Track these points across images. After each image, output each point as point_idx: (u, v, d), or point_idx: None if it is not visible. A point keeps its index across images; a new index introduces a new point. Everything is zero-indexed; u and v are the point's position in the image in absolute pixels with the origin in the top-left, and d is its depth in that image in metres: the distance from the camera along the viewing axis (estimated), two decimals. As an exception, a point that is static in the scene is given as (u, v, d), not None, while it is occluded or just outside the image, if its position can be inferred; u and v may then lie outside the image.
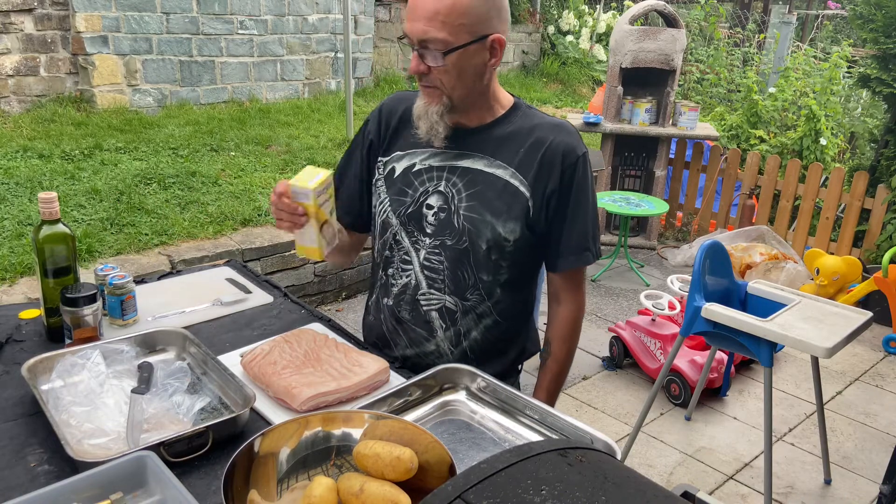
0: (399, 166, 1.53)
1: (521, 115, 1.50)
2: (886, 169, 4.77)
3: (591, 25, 9.41)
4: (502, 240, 1.45)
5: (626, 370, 3.62)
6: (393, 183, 1.54)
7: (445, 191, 1.48)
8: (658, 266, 5.06)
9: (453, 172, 1.48)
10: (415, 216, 1.51)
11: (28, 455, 1.18)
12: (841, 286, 4.26)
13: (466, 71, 1.37)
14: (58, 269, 1.51)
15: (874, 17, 4.66)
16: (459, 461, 1.18)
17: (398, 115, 1.56)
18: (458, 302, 1.51)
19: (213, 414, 1.30)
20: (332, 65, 6.87)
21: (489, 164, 1.46)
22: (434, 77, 1.38)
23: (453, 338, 1.54)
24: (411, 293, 1.55)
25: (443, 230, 1.48)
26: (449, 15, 1.30)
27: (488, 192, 1.45)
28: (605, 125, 5.13)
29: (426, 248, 1.50)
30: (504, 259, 1.48)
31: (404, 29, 1.36)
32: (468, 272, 1.49)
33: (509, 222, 1.45)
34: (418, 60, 1.36)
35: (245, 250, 3.70)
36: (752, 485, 2.81)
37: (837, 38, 10.08)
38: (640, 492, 0.79)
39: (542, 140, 1.45)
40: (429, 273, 1.51)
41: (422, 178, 1.50)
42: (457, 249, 1.48)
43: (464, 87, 1.39)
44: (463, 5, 1.30)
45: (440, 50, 1.33)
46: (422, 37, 1.32)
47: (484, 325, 1.54)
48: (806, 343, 2.37)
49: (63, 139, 4.77)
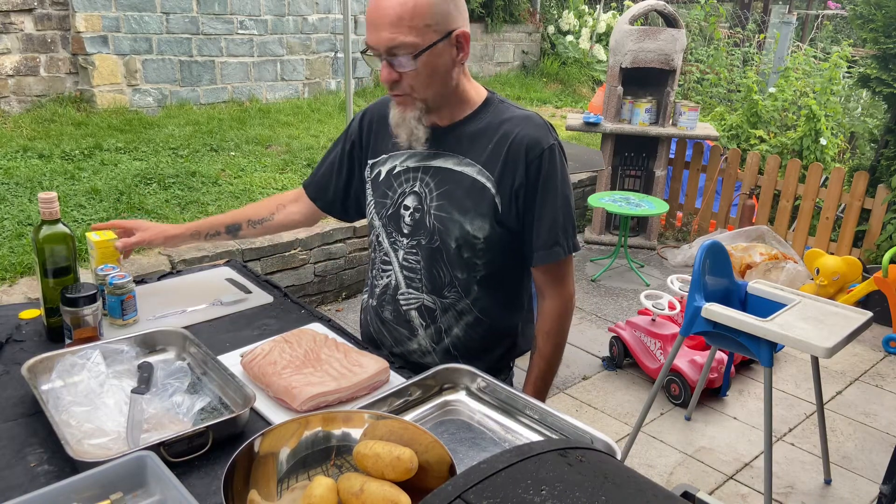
0: (384, 169, 1.56)
1: (492, 109, 1.49)
2: (886, 169, 4.77)
3: (591, 25, 9.41)
4: (471, 237, 1.46)
5: (626, 370, 3.62)
6: (378, 186, 1.57)
7: (420, 191, 1.50)
8: (658, 266, 5.06)
9: (427, 172, 1.50)
10: (394, 217, 1.53)
11: (28, 455, 1.17)
12: (841, 286, 4.26)
13: (437, 70, 1.37)
14: (58, 269, 1.51)
15: (874, 16, 4.66)
16: (459, 461, 1.18)
17: (383, 120, 1.57)
18: (436, 300, 1.53)
19: (213, 414, 1.30)
20: (332, 65, 6.87)
21: (458, 163, 1.47)
22: (405, 84, 1.38)
23: (434, 335, 1.56)
24: (391, 293, 1.57)
25: (417, 230, 1.50)
26: (413, 18, 1.30)
27: (457, 191, 1.46)
28: (605, 125, 5.13)
29: (404, 248, 1.53)
30: (477, 257, 1.49)
31: (367, 41, 1.35)
32: (443, 270, 1.51)
33: (477, 220, 1.45)
34: (389, 69, 1.36)
35: (245, 250, 3.70)
36: (752, 485, 2.81)
37: (837, 38, 10.08)
38: (640, 492, 0.79)
39: (508, 134, 1.44)
40: (407, 273, 1.54)
41: (400, 180, 1.52)
42: (430, 248, 1.50)
43: (436, 87, 1.39)
44: (424, 6, 1.30)
45: (410, 54, 1.32)
46: (389, 45, 1.32)
47: (465, 322, 1.55)
48: (806, 343, 2.37)
49: (63, 139, 4.77)
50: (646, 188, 5.37)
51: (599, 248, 5.29)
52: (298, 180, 4.65)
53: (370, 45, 1.35)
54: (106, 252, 1.65)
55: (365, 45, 1.36)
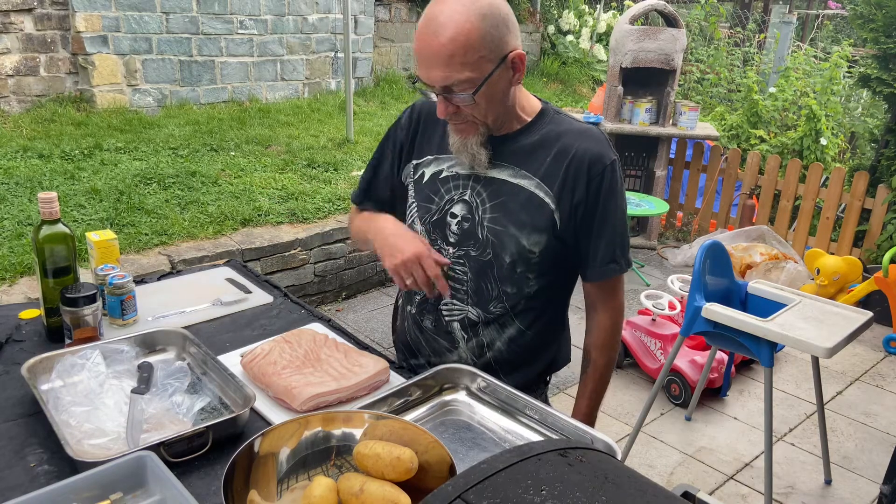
0: (428, 171, 1.51)
1: (548, 121, 1.44)
2: (887, 169, 4.77)
3: (591, 25, 9.41)
4: (527, 252, 1.42)
5: (626, 370, 3.62)
6: (421, 189, 1.51)
7: (470, 200, 1.44)
8: (658, 266, 5.06)
9: (478, 181, 1.44)
10: (439, 224, 1.47)
11: (28, 455, 1.17)
12: (841, 286, 4.26)
13: (495, 97, 1.33)
14: (58, 269, 1.51)
15: (874, 16, 4.65)
16: (459, 461, 1.18)
17: (431, 118, 1.52)
18: (480, 313, 1.48)
19: (213, 414, 1.30)
20: (332, 65, 6.87)
21: (514, 175, 1.42)
22: (466, 113, 1.34)
23: (476, 349, 1.51)
24: (434, 302, 1.52)
25: (466, 240, 1.45)
26: (466, 53, 1.24)
27: (512, 204, 1.41)
28: (606, 125, 5.13)
29: (450, 257, 1.47)
30: (531, 271, 1.44)
31: (419, 75, 1.29)
32: (492, 284, 1.46)
33: (534, 234, 1.41)
34: (445, 103, 1.32)
35: (245, 250, 3.70)
36: (753, 485, 2.81)
37: (838, 38, 10.08)
38: (640, 492, 0.79)
39: (568, 148, 1.40)
40: (452, 283, 1.48)
41: (448, 186, 1.47)
42: (480, 261, 1.45)
43: (495, 111, 1.36)
44: (475, 39, 1.24)
45: (468, 90, 1.28)
46: (445, 83, 1.27)
47: (508, 336, 1.50)
48: (806, 343, 2.37)
49: (63, 139, 4.77)
50: (646, 188, 5.36)
51: (599, 248, 5.28)
52: (298, 180, 4.65)
53: (423, 80, 1.30)
54: (106, 252, 1.65)
55: (415, 77, 1.31)
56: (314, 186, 4.55)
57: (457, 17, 1.23)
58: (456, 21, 1.23)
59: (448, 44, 1.24)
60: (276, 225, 4.02)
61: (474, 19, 1.23)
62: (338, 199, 4.38)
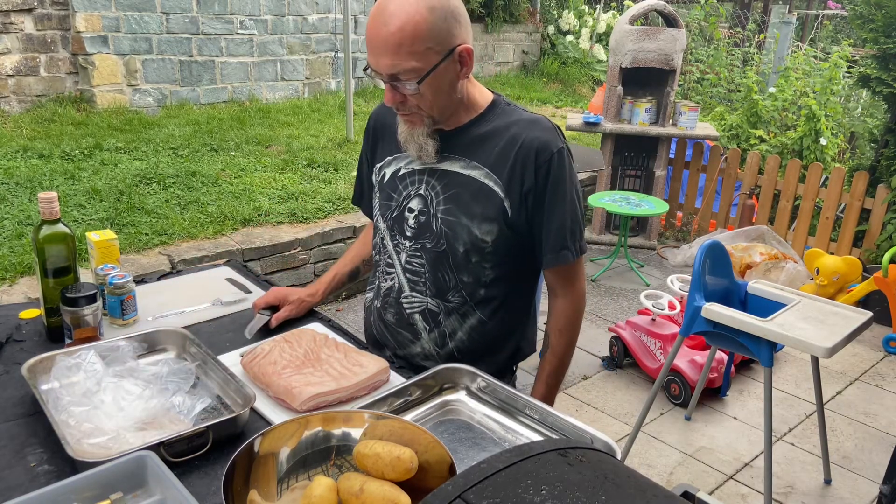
0: (388, 171, 1.56)
1: (498, 112, 1.48)
2: (886, 169, 4.77)
3: (591, 25, 9.41)
4: (479, 241, 1.45)
5: (626, 370, 3.62)
6: (383, 188, 1.56)
7: (425, 194, 1.48)
8: (658, 266, 5.06)
9: (433, 175, 1.48)
10: (398, 220, 1.52)
11: (28, 455, 1.17)
12: (841, 286, 4.26)
13: (441, 89, 1.36)
14: (58, 269, 1.51)
15: (874, 16, 4.66)
16: (459, 461, 1.18)
17: (385, 122, 1.58)
18: (440, 304, 1.52)
19: (213, 414, 1.30)
20: (332, 65, 6.87)
21: (465, 166, 1.46)
22: (411, 103, 1.37)
23: (438, 339, 1.55)
24: (395, 296, 1.56)
25: (422, 233, 1.49)
26: (413, 43, 1.27)
27: (464, 195, 1.45)
28: (605, 125, 5.13)
29: (407, 251, 1.52)
30: (486, 261, 1.48)
31: (368, 62, 1.34)
32: (448, 274, 1.49)
33: (485, 224, 1.44)
34: (393, 91, 1.35)
35: (245, 250, 3.70)
36: (752, 485, 2.81)
37: (837, 38, 10.08)
38: (640, 492, 0.79)
39: (517, 137, 1.43)
40: (410, 276, 1.52)
41: (405, 182, 1.52)
42: (435, 252, 1.49)
43: (441, 103, 1.39)
44: (423, 30, 1.27)
45: (413, 79, 1.31)
46: (391, 71, 1.31)
47: (469, 326, 1.53)
48: (806, 343, 2.37)
49: (63, 139, 4.77)
50: (646, 188, 5.36)
51: (599, 248, 5.29)
52: (298, 180, 4.65)
53: (371, 66, 1.34)
54: (106, 252, 1.65)
55: (366, 64, 1.35)
56: (314, 186, 4.55)
57: (407, 8, 1.27)
58: (406, 11, 1.26)
59: (396, 33, 1.27)
60: (276, 225, 4.02)
61: (423, 11, 1.27)
62: (338, 199, 4.38)
